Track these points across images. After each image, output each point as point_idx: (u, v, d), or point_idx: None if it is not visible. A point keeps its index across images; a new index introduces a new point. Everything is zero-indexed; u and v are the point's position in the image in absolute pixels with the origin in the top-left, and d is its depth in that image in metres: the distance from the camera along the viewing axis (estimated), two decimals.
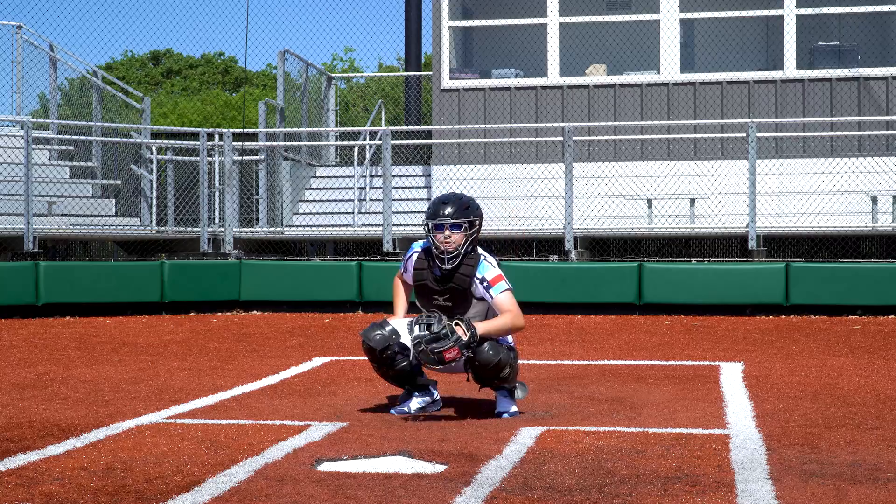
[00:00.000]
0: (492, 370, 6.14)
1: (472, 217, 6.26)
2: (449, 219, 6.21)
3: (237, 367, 8.66)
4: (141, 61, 44.48)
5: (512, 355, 6.26)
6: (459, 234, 6.21)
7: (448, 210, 6.23)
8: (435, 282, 6.31)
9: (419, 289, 6.42)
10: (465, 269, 6.26)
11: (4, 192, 14.70)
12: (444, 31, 16.98)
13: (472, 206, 6.31)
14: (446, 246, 6.20)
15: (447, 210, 6.23)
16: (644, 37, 16.90)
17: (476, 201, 6.42)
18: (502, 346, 6.22)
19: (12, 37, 16.50)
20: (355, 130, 19.57)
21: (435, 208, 6.27)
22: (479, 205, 6.41)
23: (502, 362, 6.14)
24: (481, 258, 6.32)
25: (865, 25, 16.94)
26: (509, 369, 6.20)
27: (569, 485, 4.59)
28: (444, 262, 6.23)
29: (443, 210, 6.23)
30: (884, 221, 14.89)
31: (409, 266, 6.45)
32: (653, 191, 15.50)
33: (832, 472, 4.81)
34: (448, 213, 6.21)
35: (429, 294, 6.37)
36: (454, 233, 6.21)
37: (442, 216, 6.21)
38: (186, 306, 13.95)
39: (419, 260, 6.39)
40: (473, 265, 6.26)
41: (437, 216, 6.23)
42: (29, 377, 8.04)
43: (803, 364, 8.79)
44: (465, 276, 6.26)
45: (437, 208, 6.26)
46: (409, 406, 6.40)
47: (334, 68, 39.60)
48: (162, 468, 4.90)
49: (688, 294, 13.37)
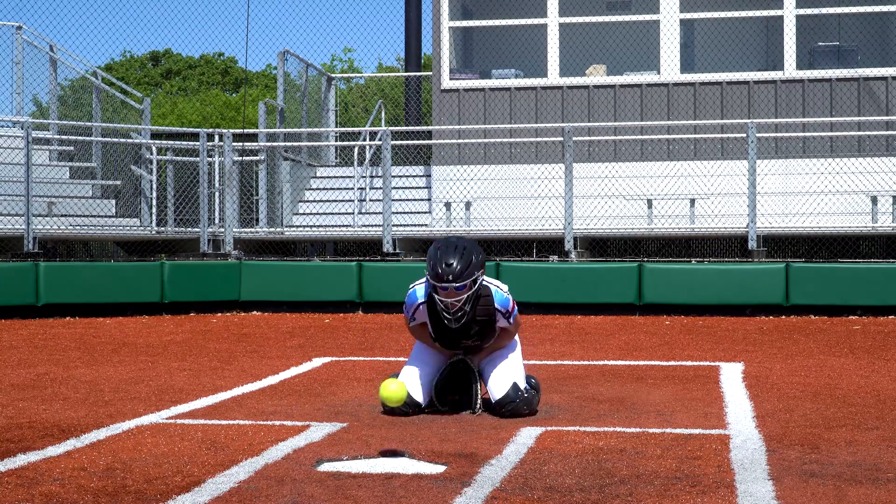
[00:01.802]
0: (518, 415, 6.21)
1: (476, 274, 6.07)
2: (454, 282, 6.01)
3: (237, 368, 8.65)
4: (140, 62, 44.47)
5: (537, 399, 6.34)
6: (464, 293, 6.07)
7: (452, 272, 6.00)
8: (456, 329, 6.20)
9: (440, 337, 6.29)
10: (484, 309, 6.17)
11: (4, 193, 14.70)
12: (444, 32, 16.98)
13: (475, 260, 6.08)
14: (453, 308, 6.09)
15: (452, 273, 6.00)
16: (644, 37, 16.90)
17: (477, 247, 6.19)
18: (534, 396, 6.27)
19: (12, 37, 16.51)
20: (355, 131, 19.58)
21: (437, 268, 6.04)
22: (480, 249, 6.19)
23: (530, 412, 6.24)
24: (491, 288, 6.23)
25: (865, 25, 16.94)
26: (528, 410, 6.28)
27: (569, 485, 4.59)
28: (451, 322, 6.14)
29: (447, 274, 6.00)
30: (884, 221, 14.89)
31: (417, 317, 6.32)
32: (653, 191, 15.50)
33: (832, 472, 4.81)
34: (453, 277, 6.00)
35: (453, 340, 6.27)
36: (460, 293, 6.06)
37: (447, 280, 6.01)
38: (186, 307, 13.95)
39: (428, 310, 6.24)
40: (490, 301, 6.19)
41: (441, 279, 6.02)
42: (29, 377, 8.04)
43: (803, 364, 8.79)
44: (486, 316, 6.19)
45: (440, 268, 6.03)
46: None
47: (334, 69, 39.59)
48: (162, 468, 4.90)
49: (688, 294, 13.37)
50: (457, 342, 6.30)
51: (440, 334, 6.29)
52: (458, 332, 6.24)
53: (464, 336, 6.26)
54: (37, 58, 16.65)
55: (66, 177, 16.19)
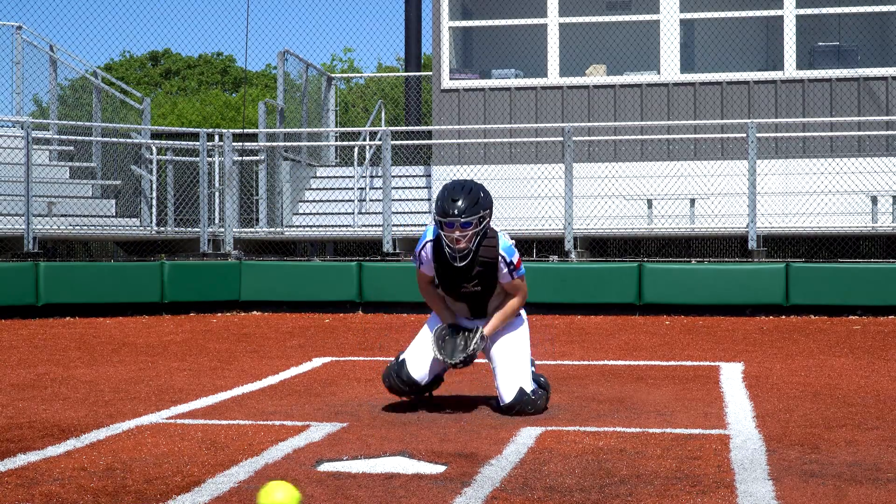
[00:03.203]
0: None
1: (482, 212, 6.07)
2: (460, 217, 6.01)
3: (237, 368, 8.65)
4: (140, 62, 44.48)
5: (545, 398, 6.35)
6: (470, 230, 6.07)
7: (458, 207, 6.02)
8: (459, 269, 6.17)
9: (442, 278, 6.28)
10: (487, 250, 6.16)
11: (4, 193, 14.70)
12: (444, 32, 16.98)
13: (482, 200, 6.10)
14: (457, 245, 6.08)
15: (457, 207, 6.02)
16: (644, 37, 16.90)
17: (485, 188, 6.22)
18: (541, 396, 6.28)
19: (12, 37, 16.51)
20: (355, 131, 19.58)
21: (444, 205, 6.06)
22: (487, 191, 6.21)
23: (536, 412, 6.25)
24: (500, 234, 6.23)
25: (865, 25, 16.94)
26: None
27: (569, 485, 4.59)
28: (455, 260, 6.13)
29: (452, 208, 6.02)
30: (884, 221, 14.89)
31: (423, 258, 6.29)
32: (653, 191, 15.50)
33: (832, 472, 4.81)
34: (458, 212, 6.01)
35: (454, 282, 6.24)
36: (465, 230, 6.06)
37: (452, 215, 6.01)
38: (186, 307, 13.95)
39: (434, 250, 6.24)
40: (495, 244, 6.18)
41: (446, 214, 6.03)
42: (29, 377, 8.04)
43: (803, 364, 8.79)
44: (489, 258, 6.17)
45: (446, 205, 6.05)
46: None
47: (334, 69, 39.60)
48: (162, 468, 4.90)
49: (688, 294, 13.37)
50: (458, 286, 6.25)
51: (443, 277, 6.25)
52: (461, 274, 6.18)
53: (465, 280, 6.21)
54: (37, 58, 16.65)
55: (66, 177, 16.18)
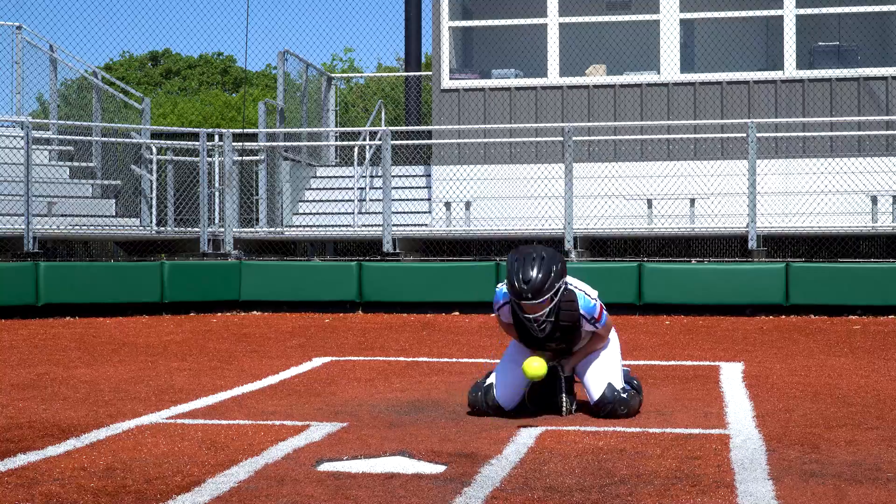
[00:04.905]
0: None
1: (556, 286, 5.84)
2: (534, 299, 5.81)
3: (237, 368, 8.65)
4: (140, 62, 44.49)
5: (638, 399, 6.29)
6: (546, 305, 5.87)
7: (532, 288, 5.78)
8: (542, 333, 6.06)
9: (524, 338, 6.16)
10: (568, 315, 6.01)
11: (4, 192, 14.69)
12: (444, 32, 16.98)
13: (556, 272, 5.83)
14: (535, 321, 5.91)
15: (531, 290, 5.78)
16: (644, 37, 16.89)
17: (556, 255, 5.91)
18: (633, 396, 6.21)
19: (12, 37, 16.50)
20: (355, 131, 19.57)
21: (516, 285, 5.80)
22: (559, 258, 5.91)
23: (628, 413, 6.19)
24: (576, 293, 6.05)
25: (865, 25, 16.94)
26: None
27: (569, 485, 4.59)
28: (535, 332, 6.00)
29: (526, 292, 5.79)
30: (884, 221, 14.88)
31: (503, 315, 6.18)
32: (653, 191, 15.49)
33: (832, 472, 4.81)
34: (532, 294, 5.79)
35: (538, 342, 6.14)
36: (542, 306, 5.85)
37: (526, 298, 5.81)
38: (186, 306, 13.95)
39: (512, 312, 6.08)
40: (575, 307, 6.02)
41: (520, 296, 5.81)
42: (29, 377, 8.04)
43: (803, 364, 8.79)
44: (569, 321, 6.05)
45: (518, 285, 5.80)
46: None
47: (334, 69, 39.59)
48: (162, 468, 4.90)
49: (688, 294, 13.36)
50: (542, 345, 6.18)
51: (524, 337, 6.17)
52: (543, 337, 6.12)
53: (548, 340, 6.13)
54: (37, 58, 16.65)
55: (66, 177, 16.18)
